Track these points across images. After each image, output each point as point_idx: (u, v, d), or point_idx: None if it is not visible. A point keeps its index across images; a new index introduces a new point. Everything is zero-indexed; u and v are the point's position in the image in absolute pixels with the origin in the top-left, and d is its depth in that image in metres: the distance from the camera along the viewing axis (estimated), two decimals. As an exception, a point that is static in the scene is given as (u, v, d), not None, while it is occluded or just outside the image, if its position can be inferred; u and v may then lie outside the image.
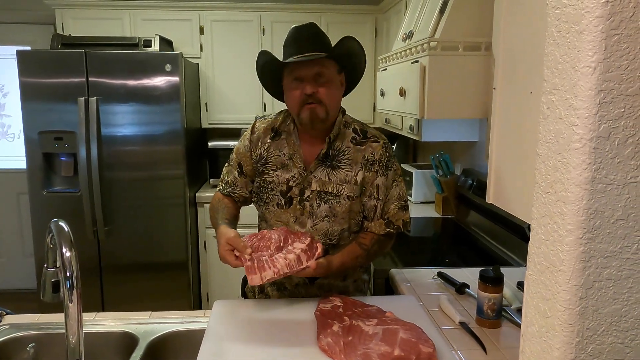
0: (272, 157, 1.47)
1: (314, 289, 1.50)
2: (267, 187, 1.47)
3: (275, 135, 1.49)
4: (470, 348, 1.24)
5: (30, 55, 2.86)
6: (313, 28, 1.41)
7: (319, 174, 1.44)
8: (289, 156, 1.45)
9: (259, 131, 1.51)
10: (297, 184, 1.44)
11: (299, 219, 1.45)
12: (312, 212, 1.44)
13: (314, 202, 1.44)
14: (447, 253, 2.32)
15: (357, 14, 3.51)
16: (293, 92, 1.39)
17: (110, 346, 1.34)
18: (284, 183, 1.45)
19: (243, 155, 1.51)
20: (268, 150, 1.47)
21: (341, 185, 1.43)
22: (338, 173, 1.44)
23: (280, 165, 1.46)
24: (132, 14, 3.34)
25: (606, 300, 0.63)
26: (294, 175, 1.44)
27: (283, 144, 1.47)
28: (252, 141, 1.50)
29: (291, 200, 1.45)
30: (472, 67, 1.80)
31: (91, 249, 2.96)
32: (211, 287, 3.35)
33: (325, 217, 1.44)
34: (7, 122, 3.88)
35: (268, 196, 1.47)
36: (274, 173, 1.46)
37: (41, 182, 2.92)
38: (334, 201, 1.43)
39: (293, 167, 1.45)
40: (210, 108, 3.53)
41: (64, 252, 0.94)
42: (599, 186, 0.61)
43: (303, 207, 1.44)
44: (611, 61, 0.58)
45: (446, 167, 2.74)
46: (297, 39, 1.39)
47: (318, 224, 1.45)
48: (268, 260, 1.25)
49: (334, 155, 1.44)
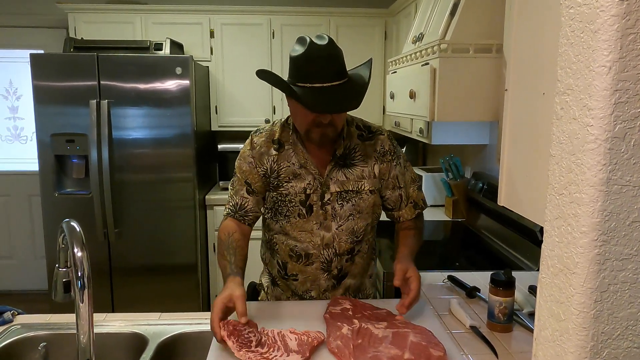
0: (282, 169, 1.43)
1: (340, 291, 1.52)
2: (284, 200, 1.44)
3: (279, 147, 1.44)
4: (481, 352, 1.22)
5: (43, 58, 2.90)
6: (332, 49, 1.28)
7: (335, 175, 1.43)
8: (300, 165, 1.43)
9: (259, 145, 1.44)
10: (314, 190, 1.43)
11: (322, 224, 1.44)
12: (335, 213, 1.44)
13: (336, 204, 1.43)
14: (457, 256, 2.31)
15: (366, 17, 3.51)
16: (305, 114, 1.32)
17: (120, 347, 1.34)
18: (301, 192, 1.42)
19: (249, 173, 1.45)
20: (277, 163, 1.43)
21: (360, 181, 1.45)
22: (354, 170, 1.45)
23: (292, 175, 1.43)
24: (143, 17, 3.37)
25: (622, 304, 0.62)
26: (310, 183, 1.43)
27: (290, 155, 1.44)
28: (255, 157, 1.44)
29: (312, 208, 1.43)
30: (483, 70, 1.79)
31: (101, 250, 2.99)
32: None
33: (350, 216, 1.45)
34: (20, 124, 3.93)
35: (288, 209, 1.44)
36: (288, 184, 1.43)
37: (53, 183, 2.95)
38: (356, 198, 1.45)
39: (307, 174, 1.43)
40: (220, 111, 3.54)
41: (75, 252, 0.94)
42: (614, 187, 0.60)
43: (325, 212, 1.43)
44: (627, 60, 0.57)
45: (456, 170, 2.72)
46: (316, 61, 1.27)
47: (343, 224, 1.45)
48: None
49: (346, 155, 1.45)
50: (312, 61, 1.27)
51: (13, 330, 1.36)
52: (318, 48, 1.27)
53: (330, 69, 1.27)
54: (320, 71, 1.27)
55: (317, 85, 1.27)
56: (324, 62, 1.27)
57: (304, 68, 1.28)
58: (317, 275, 1.48)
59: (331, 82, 1.27)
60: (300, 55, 1.28)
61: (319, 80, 1.27)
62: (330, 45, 1.28)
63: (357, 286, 1.55)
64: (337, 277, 1.49)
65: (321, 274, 1.47)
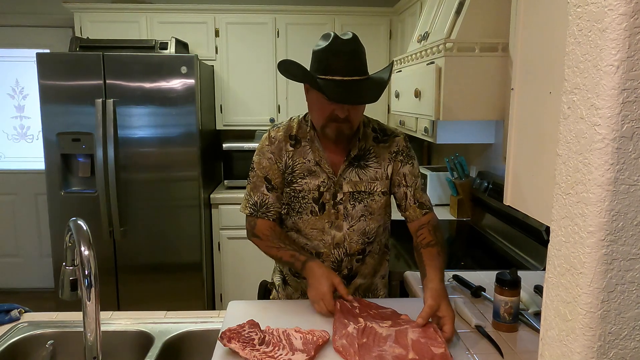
0: (297, 165, 1.44)
1: (350, 291, 1.51)
2: (297, 196, 1.44)
3: (295, 142, 1.45)
4: (486, 352, 1.22)
5: (49, 57, 2.91)
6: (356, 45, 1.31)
7: (349, 175, 1.44)
8: (315, 162, 1.43)
9: (278, 140, 1.45)
10: (327, 189, 1.43)
11: (334, 223, 1.44)
12: (347, 213, 1.44)
13: (348, 204, 1.44)
14: (462, 256, 2.30)
15: (371, 16, 3.50)
16: (323, 106, 1.34)
17: (126, 345, 1.35)
18: (315, 190, 1.43)
19: (269, 168, 1.44)
20: (292, 159, 1.44)
21: (373, 182, 1.45)
22: (368, 172, 1.45)
23: (307, 172, 1.43)
24: (148, 17, 3.38)
25: (629, 304, 0.62)
26: (323, 181, 1.43)
27: (306, 151, 1.44)
28: (275, 152, 1.44)
29: (324, 206, 1.43)
30: (489, 69, 1.78)
31: (107, 249, 3.00)
32: (225, 288, 3.37)
33: (362, 217, 1.45)
34: (26, 123, 3.95)
35: (301, 205, 1.44)
36: (302, 181, 1.43)
37: (59, 182, 2.96)
38: (368, 199, 1.45)
39: (321, 172, 1.43)
40: (225, 110, 3.55)
41: (82, 251, 0.95)
42: (622, 187, 0.59)
43: (337, 211, 1.44)
44: (635, 59, 0.57)
45: (461, 169, 2.72)
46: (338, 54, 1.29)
47: (355, 224, 1.45)
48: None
49: (360, 156, 1.45)
50: (335, 55, 1.29)
51: (20, 328, 1.37)
52: (342, 42, 1.30)
53: (352, 63, 1.30)
54: (343, 65, 1.29)
55: (338, 78, 1.29)
56: (347, 57, 1.29)
57: (326, 60, 1.30)
58: None
59: (352, 76, 1.29)
60: (324, 48, 1.31)
61: (340, 74, 1.29)
62: (354, 40, 1.31)
63: (367, 286, 1.55)
64: (346, 277, 1.49)
65: None
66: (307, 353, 1.11)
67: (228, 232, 3.29)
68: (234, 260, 3.32)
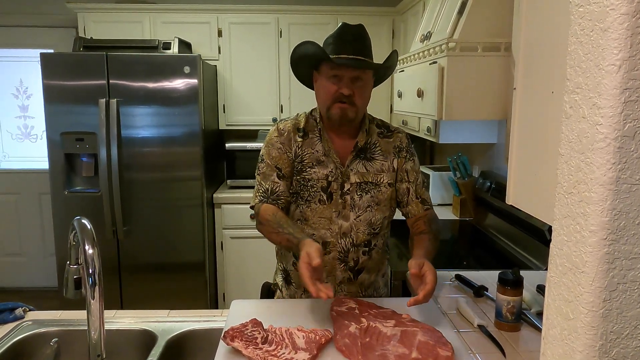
0: (306, 155, 1.48)
1: (355, 287, 1.53)
2: (306, 185, 1.47)
3: (304, 134, 1.50)
4: (489, 351, 1.22)
5: (53, 57, 2.92)
6: (362, 31, 1.43)
7: (356, 166, 1.49)
8: (323, 152, 1.48)
9: (287, 131, 1.50)
10: (335, 179, 1.47)
11: (341, 213, 1.47)
12: (354, 204, 1.48)
13: (355, 195, 1.48)
14: (464, 256, 2.30)
15: (374, 16, 3.50)
16: (329, 86, 1.41)
17: (130, 343, 1.36)
18: (323, 179, 1.47)
19: (279, 158, 1.48)
20: (302, 149, 1.49)
21: (379, 174, 1.50)
22: (374, 164, 1.50)
23: (316, 161, 1.48)
24: (151, 17, 3.39)
25: (631, 303, 0.62)
26: (331, 171, 1.47)
27: (315, 142, 1.49)
28: (284, 143, 1.48)
29: (332, 196, 1.47)
30: (491, 68, 1.79)
31: (110, 248, 3.01)
32: (227, 288, 3.38)
33: (368, 207, 1.48)
34: (30, 123, 3.96)
35: (309, 194, 1.47)
36: (311, 170, 1.47)
37: (63, 182, 2.97)
38: (375, 190, 1.49)
39: (329, 162, 1.48)
40: (228, 110, 3.56)
41: (86, 250, 0.95)
42: (624, 186, 0.59)
43: (344, 201, 1.47)
44: (637, 59, 0.57)
45: (464, 169, 2.72)
46: (346, 37, 1.41)
47: (361, 214, 1.48)
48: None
49: (366, 148, 1.51)
50: (342, 37, 1.41)
51: (25, 326, 1.37)
52: (350, 27, 1.43)
53: (358, 44, 1.40)
54: (348, 45, 1.39)
55: (344, 55, 1.38)
56: (353, 38, 1.40)
57: (334, 42, 1.41)
58: (334, 266, 1.49)
59: (358, 56, 1.39)
60: (333, 34, 1.44)
61: (348, 52, 1.38)
62: (361, 27, 1.43)
63: (370, 283, 1.56)
64: (353, 270, 1.50)
65: (338, 264, 1.49)
66: (310, 352, 1.11)
67: (231, 232, 3.30)
68: (237, 259, 3.33)
